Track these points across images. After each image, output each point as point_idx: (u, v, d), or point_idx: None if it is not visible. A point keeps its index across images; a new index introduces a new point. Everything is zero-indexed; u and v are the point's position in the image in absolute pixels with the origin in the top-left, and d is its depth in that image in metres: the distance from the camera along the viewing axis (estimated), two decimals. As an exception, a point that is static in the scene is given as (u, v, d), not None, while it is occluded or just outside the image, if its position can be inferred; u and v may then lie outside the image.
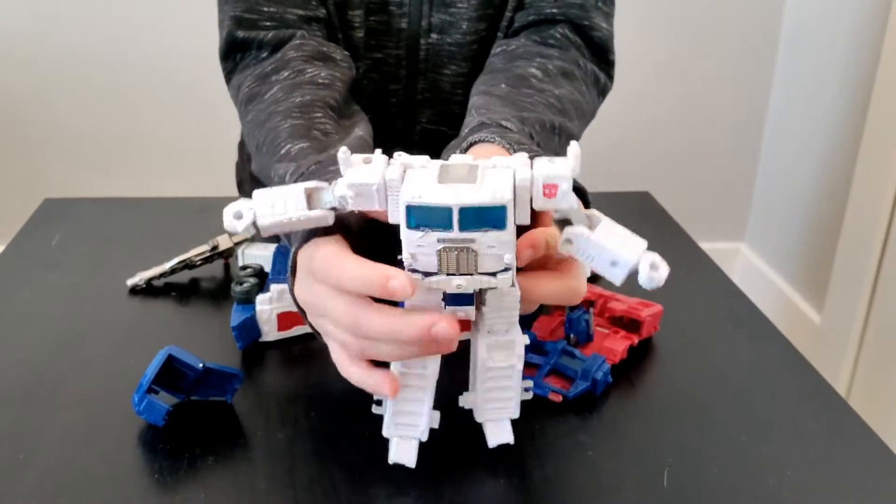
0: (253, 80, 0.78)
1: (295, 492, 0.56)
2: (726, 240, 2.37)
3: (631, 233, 0.51)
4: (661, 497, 0.56)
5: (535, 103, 0.74)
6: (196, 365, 0.62)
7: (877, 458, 0.61)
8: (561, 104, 0.76)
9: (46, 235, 0.93)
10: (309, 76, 0.76)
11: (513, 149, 0.61)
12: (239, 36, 0.81)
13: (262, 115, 0.74)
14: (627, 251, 0.49)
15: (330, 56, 0.80)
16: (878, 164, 1.73)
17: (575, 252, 0.50)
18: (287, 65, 0.77)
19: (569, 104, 0.77)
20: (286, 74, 0.76)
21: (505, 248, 0.48)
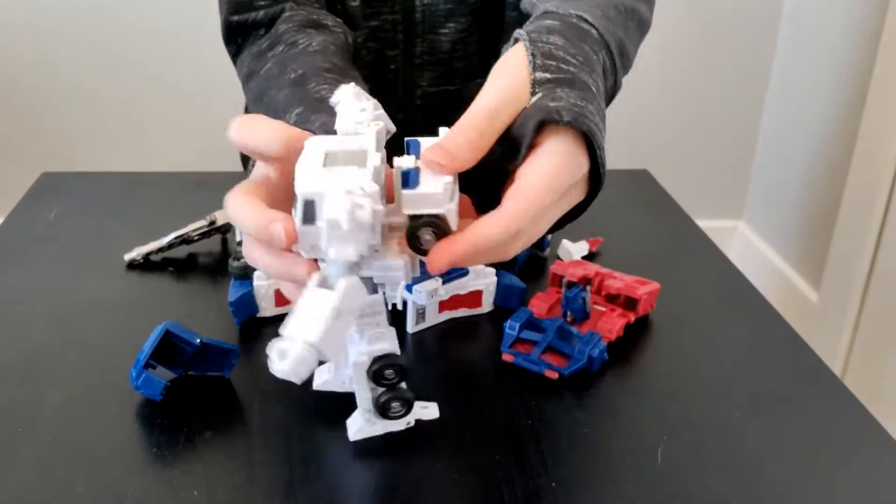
0: (251, 58, 0.78)
1: (291, 465, 0.56)
2: (724, 218, 2.37)
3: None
4: (655, 473, 0.57)
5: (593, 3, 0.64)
6: (193, 340, 0.62)
7: (870, 436, 0.62)
8: (614, 11, 0.66)
9: (44, 209, 0.93)
10: (301, 46, 0.75)
11: (534, 63, 0.54)
12: (234, 20, 0.81)
13: (258, 91, 0.73)
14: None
15: (321, 23, 0.80)
16: (878, 144, 1.73)
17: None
18: (280, 39, 0.76)
19: (622, 10, 0.68)
20: (280, 49, 0.76)
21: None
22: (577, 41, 0.57)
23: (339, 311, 0.45)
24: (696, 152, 2.28)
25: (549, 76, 0.53)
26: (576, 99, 0.52)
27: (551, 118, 0.49)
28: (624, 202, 1.00)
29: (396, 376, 0.55)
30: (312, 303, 0.45)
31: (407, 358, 0.69)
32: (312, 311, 0.45)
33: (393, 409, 0.57)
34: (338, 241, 0.45)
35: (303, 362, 0.43)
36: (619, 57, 0.61)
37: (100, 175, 1.03)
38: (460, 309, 0.74)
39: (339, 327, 0.45)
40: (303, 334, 0.44)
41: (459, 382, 0.66)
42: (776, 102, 2.20)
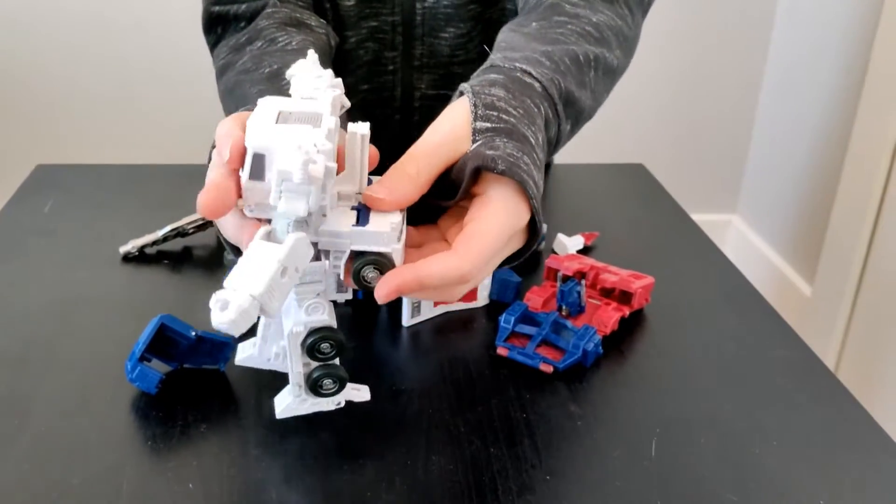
0: (227, 50, 0.78)
1: (286, 458, 0.56)
2: (719, 212, 2.37)
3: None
4: (648, 466, 0.57)
5: (568, 33, 0.67)
6: (189, 333, 0.63)
7: (863, 430, 0.62)
8: (599, 32, 0.69)
9: (39, 202, 0.93)
10: (280, 45, 0.75)
11: (476, 113, 0.55)
12: (215, 11, 0.81)
13: (231, 84, 0.73)
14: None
15: (303, 22, 0.79)
16: (872, 139, 1.73)
17: None
18: (259, 34, 0.76)
19: (608, 31, 0.70)
20: (259, 45, 0.75)
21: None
22: (519, 94, 0.58)
23: (285, 268, 0.44)
24: (690, 146, 2.28)
25: (489, 125, 0.55)
26: (512, 149, 0.53)
27: (487, 165, 0.52)
28: (619, 196, 1.00)
29: (332, 350, 0.52)
30: (257, 256, 0.44)
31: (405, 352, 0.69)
32: (257, 264, 0.44)
33: (325, 385, 0.54)
34: (288, 195, 0.45)
35: (244, 314, 0.42)
36: (564, 107, 0.62)
37: (95, 167, 1.03)
38: (455, 303, 0.74)
39: (284, 284, 0.44)
40: (246, 286, 0.43)
41: (454, 376, 0.66)
42: (771, 97, 2.20)
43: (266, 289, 0.43)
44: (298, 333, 0.52)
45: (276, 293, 0.44)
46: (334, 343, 0.52)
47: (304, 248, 0.46)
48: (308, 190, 0.45)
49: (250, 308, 0.42)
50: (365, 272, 0.49)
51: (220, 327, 0.42)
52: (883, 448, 0.60)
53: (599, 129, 2.13)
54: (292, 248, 0.45)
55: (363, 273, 0.49)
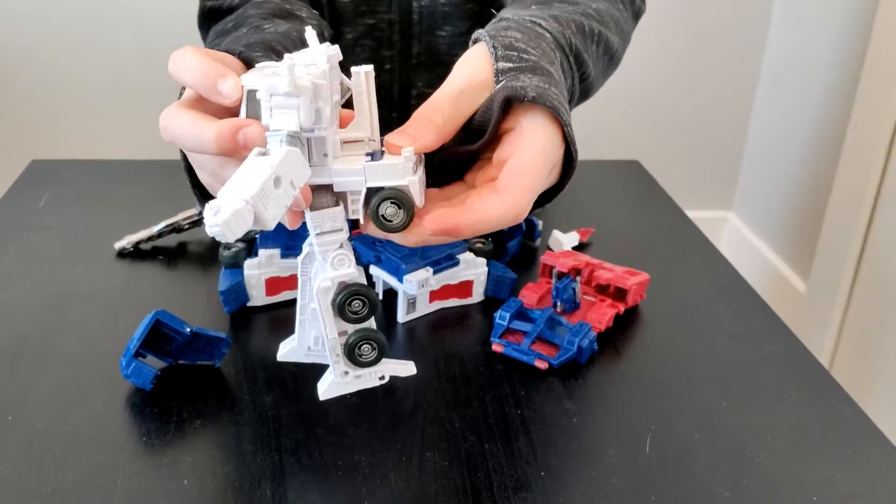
0: (213, 35, 0.77)
1: (281, 455, 0.56)
2: (714, 208, 2.37)
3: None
4: (642, 462, 0.57)
5: (570, 11, 0.67)
6: (184, 329, 0.62)
7: (857, 427, 0.62)
8: (599, 16, 0.69)
9: (34, 197, 0.93)
10: (264, 34, 0.74)
11: (496, 54, 0.55)
12: (208, 5, 0.81)
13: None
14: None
15: (293, 13, 0.79)
16: (867, 136, 1.73)
17: None
18: (245, 21, 0.75)
19: (608, 18, 0.70)
20: (244, 31, 0.75)
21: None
22: (535, 38, 0.57)
23: (279, 177, 0.44)
24: (686, 144, 2.28)
25: (510, 65, 0.54)
26: (538, 82, 0.52)
27: (517, 95, 0.50)
28: (615, 193, 1.00)
29: (364, 308, 0.51)
30: (250, 167, 0.44)
31: (400, 348, 0.70)
32: (251, 173, 0.43)
33: (363, 353, 0.52)
34: (279, 111, 0.45)
35: (237, 217, 0.41)
36: (576, 62, 0.62)
37: (90, 163, 1.03)
38: (451, 299, 0.74)
39: (279, 196, 0.44)
40: (239, 192, 0.42)
41: (449, 372, 0.66)
42: (767, 94, 2.20)
43: (259, 192, 0.42)
44: (327, 289, 0.50)
45: (269, 201, 0.43)
46: (366, 300, 0.51)
47: (297, 162, 0.45)
48: (296, 103, 0.45)
49: (243, 211, 0.41)
50: (383, 209, 0.48)
51: (213, 231, 0.41)
52: (876, 444, 0.60)
53: (595, 126, 2.13)
54: (284, 157, 0.44)
55: (382, 211, 0.48)
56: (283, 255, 0.72)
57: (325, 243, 0.50)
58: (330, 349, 0.52)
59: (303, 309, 0.54)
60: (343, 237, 0.50)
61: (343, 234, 0.50)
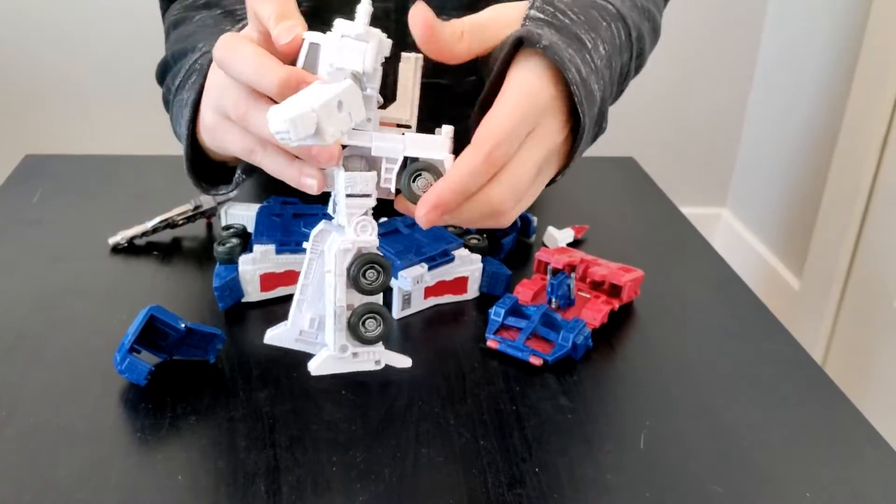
0: (182, 8, 0.77)
1: (276, 451, 0.56)
2: (709, 205, 2.38)
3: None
4: (637, 458, 0.57)
5: None
6: (178, 325, 0.62)
7: (850, 423, 0.62)
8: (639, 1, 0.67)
9: (27, 192, 0.92)
10: (240, 16, 0.74)
11: (533, 3, 0.55)
12: None
13: (186, 33, 0.72)
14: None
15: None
16: (861, 134, 1.74)
17: None
18: (219, 2, 0.75)
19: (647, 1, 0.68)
20: (217, 12, 0.74)
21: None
22: (587, 7, 0.56)
23: (342, 103, 0.45)
24: (681, 140, 2.28)
25: (541, 16, 0.54)
26: (558, 39, 0.52)
27: (530, 38, 0.50)
28: (609, 190, 1.00)
29: (377, 278, 0.51)
30: (313, 90, 0.46)
31: (394, 344, 0.70)
32: (316, 92, 0.45)
33: (368, 328, 0.52)
34: (347, 50, 0.47)
35: (302, 119, 0.43)
36: (637, 41, 0.60)
37: (84, 158, 1.02)
38: (446, 295, 0.74)
39: (340, 119, 0.45)
40: (307, 101, 0.44)
41: (444, 368, 0.66)
42: (761, 91, 2.21)
43: (326, 104, 0.44)
44: (346, 251, 0.50)
45: (332, 119, 0.44)
46: (382, 270, 0.51)
47: (357, 96, 0.47)
48: (365, 47, 0.47)
49: (308, 116, 0.43)
50: (416, 182, 0.49)
51: (277, 128, 0.43)
52: (869, 441, 0.60)
53: (590, 122, 2.13)
54: (349, 87, 0.46)
55: (413, 184, 0.49)
56: (278, 251, 0.72)
57: (353, 206, 0.50)
58: (336, 318, 0.51)
59: (304, 288, 0.54)
60: (371, 203, 0.51)
61: (371, 201, 0.50)
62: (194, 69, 0.61)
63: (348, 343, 0.52)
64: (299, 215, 0.77)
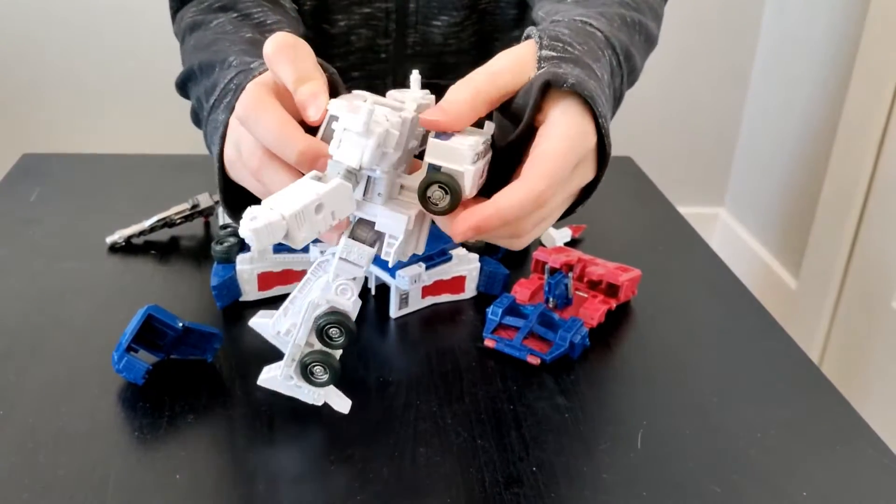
0: (198, 11, 0.76)
1: (274, 449, 0.57)
2: (706, 205, 2.38)
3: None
4: (634, 457, 0.57)
5: (611, 3, 0.68)
6: (176, 324, 0.62)
7: (846, 423, 0.62)
8: (636, 3, 0.70)
9: (25, 191, 0.92)
10: (257, 20, 0.74)
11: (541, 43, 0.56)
12: None
13: (206, 40, 0.71)
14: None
15: (278, 2, 0.79)
16: (858, 134, 1.74)
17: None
18: (234, 5, 0.75)
19: (643, 3, 0.71)
20: (234, 15, 0.74)
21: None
22: (584, 37, 0.58)
23: (322, 205, 0.45)
24: (678, 140, 2.28)
25: (554, 54, 0.54)
26: (579, 73, 0.53)
27: (557, 80, 0.50)
28: (607, 189, 0.99)
29: (340, 338, 0.53)
30: (300, 187, 0.46)
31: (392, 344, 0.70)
32: (297, 192, 0.46)
33: (315, 373, 0.55)
34: (347, 144, 0.47)
35: (269, 228, 0.43)
36: (625, 61, 0.62)
37: (82, 157, 1.02)
38: (443, 294, 0.75)
39: (317, 221, 0.46)
40: (279, 207, 0.44)
41: (442, 367, 0.66)
42: (759, 91, 2.21)
43: (297, 213, 0.44)
44: (318, 306, 0.53)
45: (305, 224, 0.45)
46: (345, 332, 0.53)
47: (345, 196, 0.47)
48: (364, 143, 0.46)
49: (276, 225, 0.44)
50: (431, 191, 0.49)
51: (243, 235, 0.43)
52: (865, 440, 0.61)
53: (588, 122, 2.13)
54: (334, 188, 0.46)
55: (429, 193, 0.49)
56: (276, 251, 0.72)
57: (342, 269, 0.52)
58: (290, 352, 0.55)
59: (294, 299, 0.55)
60: (359, 274, 0.52)
61: (360, 272, 0.52)
62: (229, 89, 0.61)
63: (294, 375, 0.56)
64: (297, 215, 0.77)
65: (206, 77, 0.67)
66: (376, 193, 0.50)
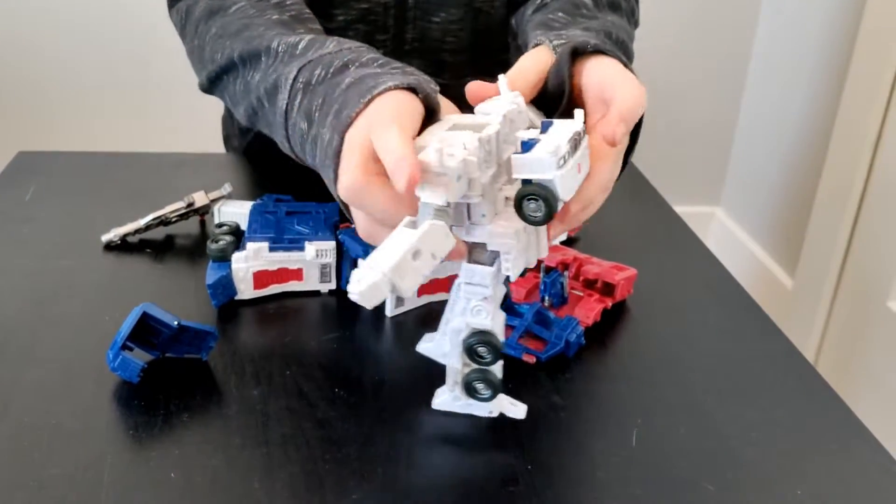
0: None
1: (268, 448, 0.56)
2: (702, 204, 2.38)
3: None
4: (629, 456, 0.58)
5: (599, 24, 0.72)
6: (171, 322, 0.62)
7: (841, 422, 0.63)
8: (616, 27, 0.74)
9: (20, 189, 0.92)
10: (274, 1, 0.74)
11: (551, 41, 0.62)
12: None
13: (234, 26, 0.71)
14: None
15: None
16: (854, 134, 1.74)
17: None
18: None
19: (622, 29, 0.75)
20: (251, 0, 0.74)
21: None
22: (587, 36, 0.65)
23: (418, 251, 0.46)
24: (675, 139, 2.29)
25: (564, 42, 0.62)
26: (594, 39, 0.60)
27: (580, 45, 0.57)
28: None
29: (490, 356, 0.56)
30: (395, 239, 0.47)
31: (388, 343, 0.70)
32: (393, 245, 0.46)
33: (478, 389, 0.57)
34: (428, 185, 0.47)
35: (374, 288, 0.44)
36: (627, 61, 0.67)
37: (77, 155, 1.02)
38: (439, 293, 0.75)
39: (417, 266, 0.46)
40: (379, 264, 0.45)
41: (437, 366, 0.66)
42: (755, 91, 2.21)
43: (395, 267, 0.45)
44: (459, 331, 0.56)
45: (407, 273, 0.46)
46: (492, 348, 0.55)
47: (440, 235, 0.47)
48: (444, 181, 0.47)
49: (380, 283, 0.44)
50: (525, 205, 0.49)
51: (352, 297, 0.45)
52: (860, 439, 0.61)
53: (584, 121, 2.13)
54: (426, 233, 0.47)
55: (524, 207, 0.49)
56: (272, 249, 0.72)
57: (470, 292, 0.54)
58: (450, 376, 0.58)
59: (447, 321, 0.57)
60: (487, 293, 0.54)
61: (487, 291, 0.54)
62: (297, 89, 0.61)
63: (461, 396, 0.59)
64: (292, 213, 0.77)
65: (253, 68, 0.67)
66: (480, 215, 0.51)
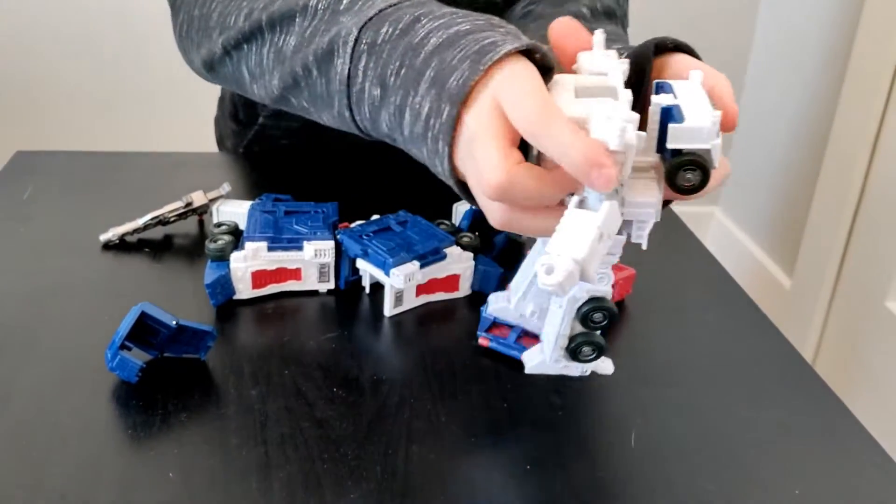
0: None
1: (267, 448, 0.56)
2: (701, 204, 2.38)
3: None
4: (628, 456, 0.58)
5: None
6: (169, 322, 0.62)
7: (840, 422, 0.63)
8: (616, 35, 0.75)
9: (18, 188, 0.92)
10: None
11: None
12: None
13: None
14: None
15: None
16: (852, 134, 1.74)
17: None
18: None
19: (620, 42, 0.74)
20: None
21: None
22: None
23: (601, 233, 0.45)
24: (673, 138, 2.29)
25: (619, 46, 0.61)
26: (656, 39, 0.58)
27: (662, 41, 0.55)
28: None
29: (604, 321, 0.55)
30: (575, 222, 0.45)
31: (386, 342, 0.70)
32: (576, 229, 0.45)
33: (584, 352, 0.57)
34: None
35: (570, 278, 0.43)
36: None
37: (75, 154, 1.02)
38: (437, 293, 0.75)
39: (600, 250, 0.46)
40: (570, 251, 0.44)
41: (436, 366, 0.66)
42: (753, 90, 2.21)
43: (588, 253, 0.44)
44: (579, 299, 0.54)
45: (595, 257, 0.45)
46: (608, 314, 0.55)
47: (615, 215, 0.47)
48: (621, 158, 0.45)
49: (575, 272, 0.44)
50: (682, 172, 0.47)
51: (546, 289, 0.44)
52: (858, 439, 0.61)
53: (582, 121, 2.13)
54: (608, 214, 0.46)
55: (680, 177, 0.47)
56: (270, 249, 0.72)
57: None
58: (553, 342, 0.57)
59: (531, 283, 0.58)
60: (615, 261, 0.53)
61: (615, 259, 0.53)
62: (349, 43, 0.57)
63: (563, 358, 0.58)
64: (291, 213, 0.77)
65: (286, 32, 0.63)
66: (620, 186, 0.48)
